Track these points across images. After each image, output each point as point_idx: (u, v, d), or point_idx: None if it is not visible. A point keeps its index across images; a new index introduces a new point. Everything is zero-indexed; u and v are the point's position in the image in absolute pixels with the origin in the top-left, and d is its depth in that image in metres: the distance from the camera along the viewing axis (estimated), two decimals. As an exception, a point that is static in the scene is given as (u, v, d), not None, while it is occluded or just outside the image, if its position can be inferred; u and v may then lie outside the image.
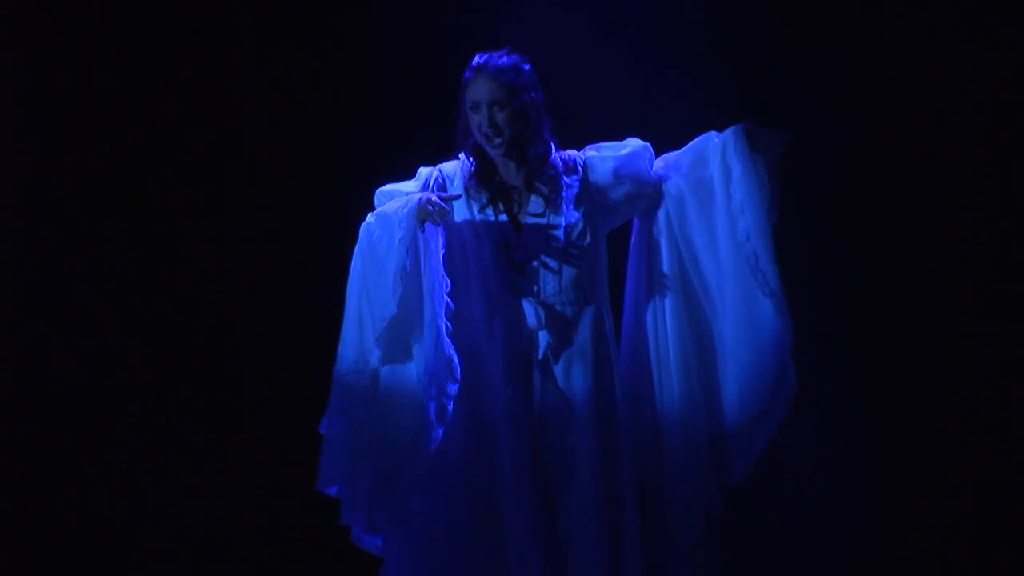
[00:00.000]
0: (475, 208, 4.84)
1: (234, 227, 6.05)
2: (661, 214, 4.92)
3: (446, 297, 4.72)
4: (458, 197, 4.83)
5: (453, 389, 4.68)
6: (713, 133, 4.88)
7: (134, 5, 5.98)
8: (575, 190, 4.88)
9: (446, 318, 4.70)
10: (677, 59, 5.92)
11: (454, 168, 4.91)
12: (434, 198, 4.73)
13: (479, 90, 4.78)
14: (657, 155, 4.96)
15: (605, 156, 4.91)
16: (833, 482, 5.90)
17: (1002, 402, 5.88)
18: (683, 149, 4.93)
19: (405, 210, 4.72)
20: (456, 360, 4.70)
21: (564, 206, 4.84)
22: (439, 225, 4.73)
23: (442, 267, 4.74)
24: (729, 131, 4.85)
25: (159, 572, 5.96)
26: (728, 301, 4.85)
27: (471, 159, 4.87)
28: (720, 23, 5.94)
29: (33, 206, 5.94)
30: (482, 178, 4.86)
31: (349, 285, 4.81)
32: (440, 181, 4.88)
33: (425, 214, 4.70)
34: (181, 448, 5.99)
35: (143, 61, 5.98)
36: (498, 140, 4.79)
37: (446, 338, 4.68)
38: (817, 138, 5.82)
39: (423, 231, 4.71)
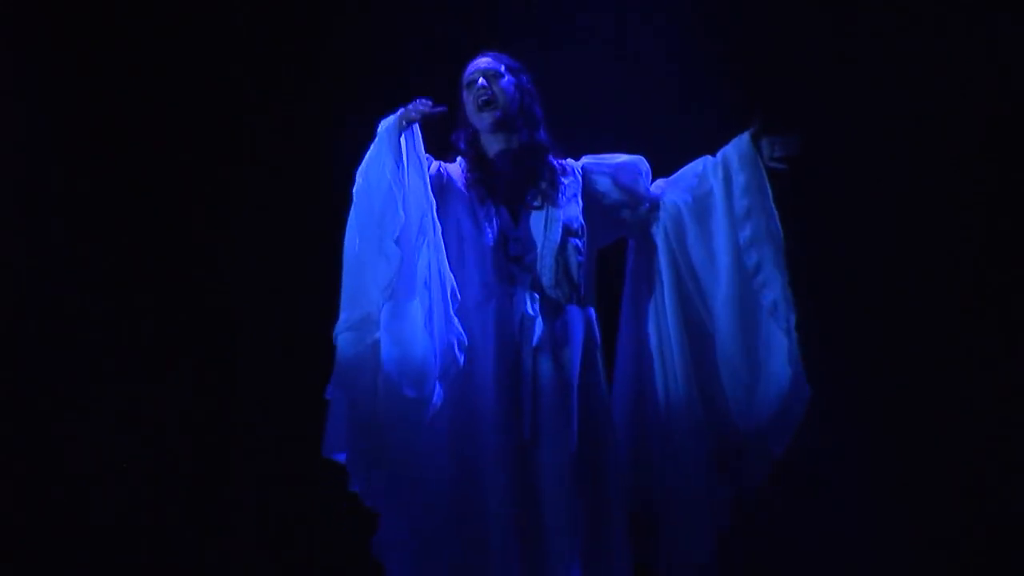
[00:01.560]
0: (474, 199, 4.86)
1: (234, 227, 6.05)
2: (659, 233, 4.97)
3: (434, 216, 4.70)
4: (445, 109, 4.77)
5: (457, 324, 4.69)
6: (708, 156, 4.91)
7: (134, 5, 5.98)
8: (573, 189, 4.91)
9: (432, 232, 4.69)
10: (676, 64, 5.93)
11: (455, 167, 4.93)
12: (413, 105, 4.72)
13: (476, 65, 4.89)
14: (655, 171, 5.00)
15: (601, 164, 4.98)
16: (833, 482, 5.90)
17: (1002, 402, 5.88)
18: (679, 171, 4.98)
19: (387, 124, 4.70)
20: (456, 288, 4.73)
21: (562, 201, 4.87)
22: (421, 116, 4.68)
23: (430, 185, 4.72)
24: (733, 142, 4.88)
25: (161, 569, 5.96)
26: (732, 314, 4.87)
27: (469, 155, 4.89)
28: (720, 24, 5.94)
29: (33, 206, 5.94)
30: (481, 170, 4.88)
31: (347, 239, 4.74)
32: (439, 171, 4.89)
33: (407, 117, 4.68)
34: (180, 447, 5.99)
35: (143, 61, 5.98)
36: (490, 107, 4.84)
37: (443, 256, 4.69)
38: (817, 138, 5.82)
39: (406, 127, 4.67)
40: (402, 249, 4.61)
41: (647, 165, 4.99)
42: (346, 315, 4.70)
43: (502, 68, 4.89)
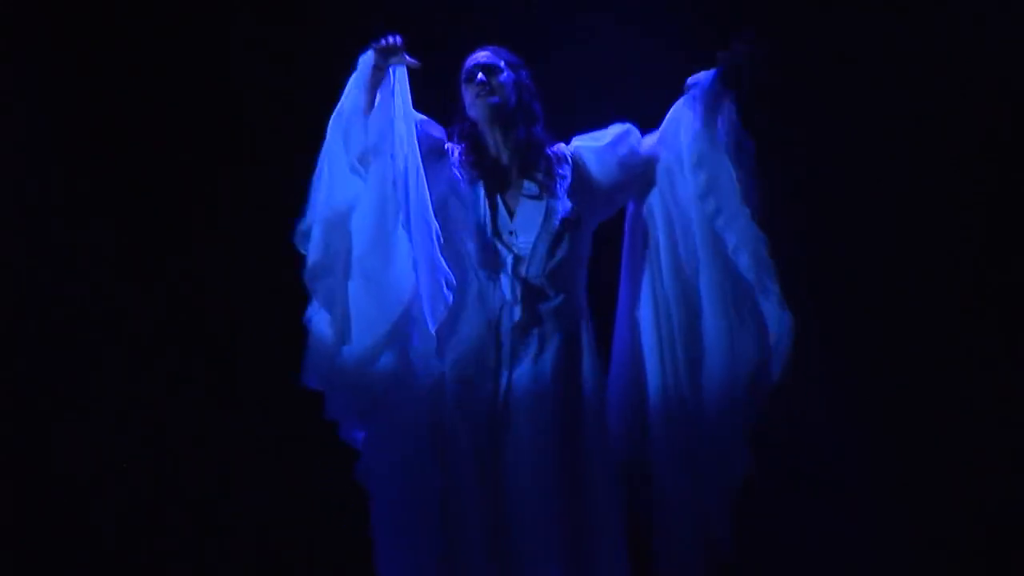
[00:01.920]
0: (466, 181, 4.87)
1: (234, 226, 6.05)
2: (655, 193, 4.95)
3: (417, 158, 4.70)
4: (418, 64, 4.77)
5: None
6: (680, 101, 4.93)
7: (134, 5, 5.99)
8: (569, 180, 4.91)
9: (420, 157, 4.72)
10: (676, 64, 5.92)
11: (455, 147, 4.96)
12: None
13: (476, 59, 4.90)
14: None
15: (593, 146, 4.97)
16: (833, 482, 5.90)
17: (1002, 402, 5.88)
18: (663, 123, 4.96)
19: (364, 58, 4.72)
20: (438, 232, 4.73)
21: (559, 192, 4.87)
22: (398, 56, 4.71)
23: (415, 135, 4.74)
24: (688, 87, 4.89)
25: (161, 569, 5.97)
26: (715, 257, 4.85)
27: (466, 144, 4.91)
28: (720, 24, 5.94)
29: (33, 206, 5.94)
30: (477, 157, 4.88)
31: (317, 169, 4.78)
32: (436, 134, 4.90)
33: (380, 49, 4.70)
34: (180, 447, 6.00)
35: (143, 61, 5.98)
36: (488, 100, 4.83)
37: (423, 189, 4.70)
38: (817, 138, 5.83)
39: (384, 61, 4.70)
40: (370, 173, 4.62)
41: (637, 132, 4.98)
42: (320, 231, 4.72)
43: (501, 63, 4.89)
